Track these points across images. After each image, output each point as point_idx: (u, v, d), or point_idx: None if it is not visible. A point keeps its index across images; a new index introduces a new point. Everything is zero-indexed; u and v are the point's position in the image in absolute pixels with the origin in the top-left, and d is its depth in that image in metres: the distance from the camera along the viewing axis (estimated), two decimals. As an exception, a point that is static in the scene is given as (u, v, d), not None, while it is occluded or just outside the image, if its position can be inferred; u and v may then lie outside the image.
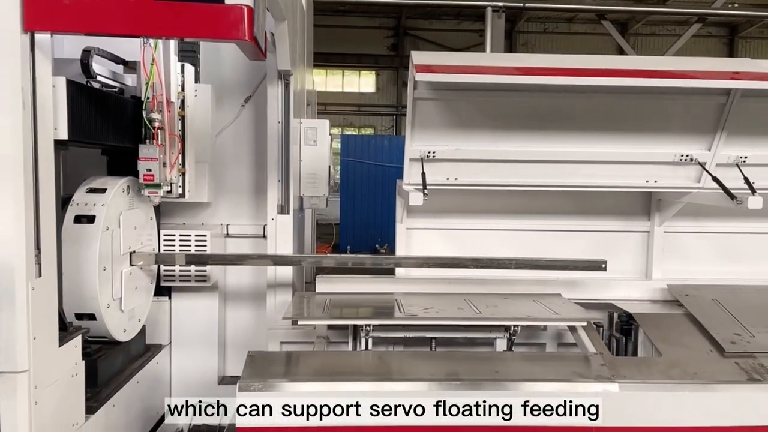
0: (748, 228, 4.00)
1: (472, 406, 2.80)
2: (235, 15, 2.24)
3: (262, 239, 4.13)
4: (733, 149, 3.52)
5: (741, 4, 20.62)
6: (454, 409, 2.80)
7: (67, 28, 2.33)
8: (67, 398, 2.62)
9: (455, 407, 2.80)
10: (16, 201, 2.22)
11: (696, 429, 2.92)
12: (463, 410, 2.80)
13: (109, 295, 3.06)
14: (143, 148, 3.18)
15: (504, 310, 3.52)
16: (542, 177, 3.65)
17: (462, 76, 3.05)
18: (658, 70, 3.12)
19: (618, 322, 3.81)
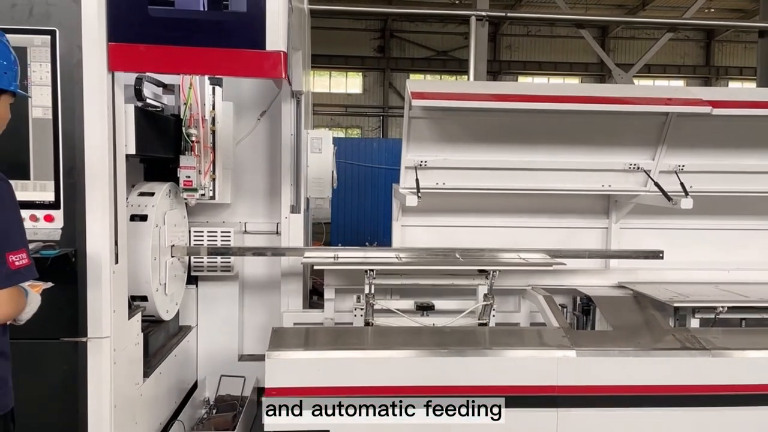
0: (688, 224, 4.73)
1: (456, 369, 3.47)
2: (274, 59, 2.87)
3: (276, 235, 4.76)
4: (673, 159, 4.25)
5: (716, 9, 21.60)
6: (442, 372, 3.47)
7: (142, 69, 2.96)
8: (133, 362, 3.25)
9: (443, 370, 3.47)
10: (102, 203, 2.84)
11: (639, 387, 3.58)
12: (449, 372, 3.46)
13: (157, 281, 3.69)
14: (183, 159, 3.81)
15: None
16: (517, 182, 4.34)
17: (449, 102, 3.74)
18: (608, 97, 3.83)
19: (580, 303, 4.52)
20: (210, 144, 4.04)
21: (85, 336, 2.85)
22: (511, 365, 3.49)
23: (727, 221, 4.81)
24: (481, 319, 4.14)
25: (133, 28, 2.82)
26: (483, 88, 4.45)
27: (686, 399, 3.54)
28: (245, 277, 4.84)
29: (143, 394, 3.41)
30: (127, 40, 2.83)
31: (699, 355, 3.55)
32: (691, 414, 3.53)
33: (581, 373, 3.51)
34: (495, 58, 24.36)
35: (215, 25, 2.86)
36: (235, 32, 2.85)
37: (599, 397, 3.52)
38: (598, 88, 7.01)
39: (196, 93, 3.82)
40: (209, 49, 2.85)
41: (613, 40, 24.82)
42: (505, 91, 3.93)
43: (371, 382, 3.42)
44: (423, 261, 4.29)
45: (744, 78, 24.89)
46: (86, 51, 2.77)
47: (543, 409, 3.49)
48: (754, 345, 3.66)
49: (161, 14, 2.84)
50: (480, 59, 11.82)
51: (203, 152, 3.93)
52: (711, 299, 4.14)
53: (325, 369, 3.41)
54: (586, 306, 4.45)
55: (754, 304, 4.13)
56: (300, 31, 4.14)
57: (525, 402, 3.48)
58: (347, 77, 25.07)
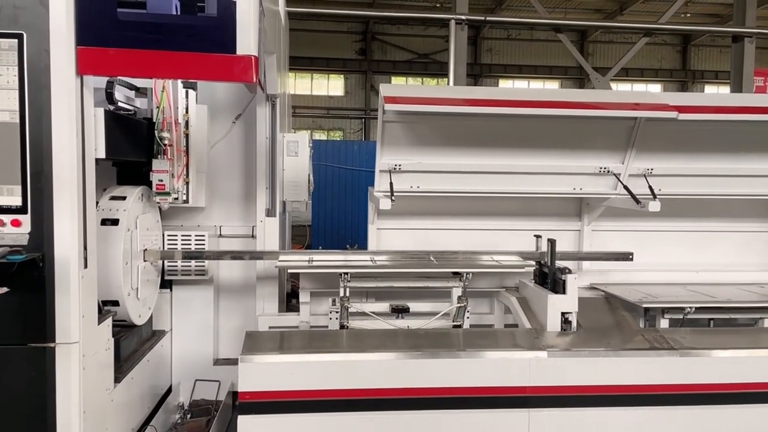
0: (657, 227, 4.82)
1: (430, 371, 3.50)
2: (245, 63, 2.88)
3: (251, 239, 4.76)
4: (642, 163, 4.34)
5: (692, 14, 21.98)
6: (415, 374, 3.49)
7: (111, 73, 2.95)
8: (103, 367, 3.22)
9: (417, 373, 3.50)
10: (71, 207, 2.82)
11: (609, 387, 3.64)
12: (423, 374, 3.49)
13: (129, 286, 3.67)
14: (156, 162, 3.80)
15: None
16: (489, 185, 4.39)
17: (421, 106, 3.78)
18: (577, 102, 3.90)
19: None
20: (183, 147, 4.03)
21: (54, 341, 2.83)
22: (483, 367, 3.53)
23: (695, 223, 4.92)
24: (455, 321, 4.18)
25: (102, 31, 2.81)
26: (455, 92, 4.51)
27: (655, 398, 3.61)
28: (220, 281, 4.83)
29: (114, 399, 3.39)
30: (96, 44, 2.82)
31: (667, 355, 3.62)
32: (659, 413, 3.61)
33: (552, 374, 3.57)
34: (476, 61, 24.56)
35: (185, 29, 2.86)
36: (206, 36, 2.86)
37: (570, 397, 3.58)
38: (569, 93, 7.15)
39: (169, 96, 3.81)
40: (179, 53, 2.85)
41: (591, 44, 25.16)
42: (477, 96, 3.98)
43: (345, 385, 3.45)
44: (397, 264, 4.32)
45: (719, 82, 25.37)
46: (54, 55, 2.76)
47: (515, 410, 3.53)
48: (720, 345, 3.75)
49: (130, 18, 2.83)
50: (459, 62, 11.93)
51: (176, 156, 3.92)
52: (679, 300, 4.22)
53: (299, 372, 3.43)
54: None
55: (721, 305, 4.23)
56: (274, 35, 4.15)
57: (497, 403, 3.52)
58: (329, 79, 25.07)
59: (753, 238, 5.08)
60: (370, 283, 4.24)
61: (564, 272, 3.83)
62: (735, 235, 5.03)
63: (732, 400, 3.63)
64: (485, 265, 4.33)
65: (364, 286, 4.28)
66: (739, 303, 4.29)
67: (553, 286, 3.94)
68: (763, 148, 4.48)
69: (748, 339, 3.92)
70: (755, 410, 3.64)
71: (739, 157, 4.49)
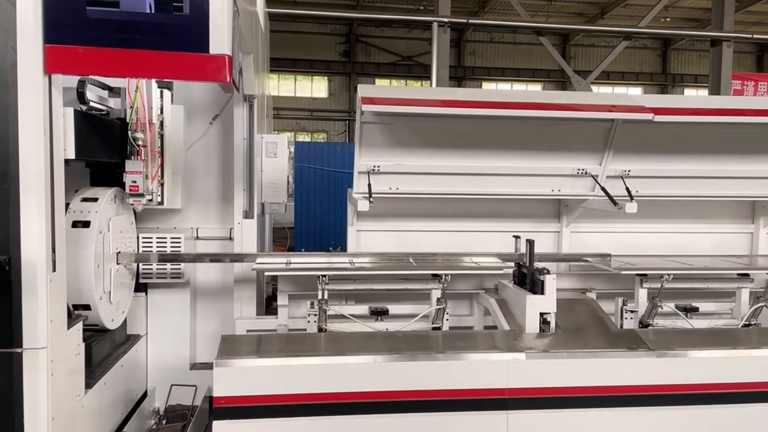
0: (635, 228, 4.86)
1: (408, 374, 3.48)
2: (218, 62, 2.83)
3: (229, 241, 4.70)
4: (619, 164, 4.36)
5: (672, 19, 22.28)
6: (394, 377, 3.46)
7: (80, 72, 2.88)
8: (73, 373, 3.15)
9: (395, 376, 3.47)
10: (38, 209, 2.75)
11: (586, 388, 3.65)
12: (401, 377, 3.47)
13: (101, 289, 3.59)
14: (129, 163, 3.73)
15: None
16: (468, 187, 4.38)
17: (398, 107, 3.75)
18: (554, 104, 3.90)
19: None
20: (158, 148, 3.96)
21: (20, 347, 2.75)
22: (462, 369, 3.52)
23: (673, 224, 4.96)
24: (434, 323, 4.15)
25: (71, 29, 2.75)
26: (433, 93, 4.49)
27: (632, 399, 3.63)
28: (197, 284, 4.76)
29: (85, 405, 3.31)
30: (65, 42, 2.75)
31: (644, 356, 3.64)
32: (637, 414, 3.62)
33: (531, 376, 3.57)
34: (459, 63, 24.67)
35: (157, 27, 2.80)
36: (178, 35, 2.80)
37: (548, 399, 3.58)
38: (546, 94, 7.20)
39: (143, 96, 3.75)
40: (150, 51, 2.79)
41: (573, 48, 25.40)
42: (455, 97, 3.96)
43: (322, 389, 3.41)
44: (376, 266, 4.29)
45: (699, 85, 25.75)
46: (21, 53, 2.68)
47: (493, 412, 3.53)
48: (697, 345, 3.77)
49: (100, 16, 2.77)
50: (442, 65, 11.95)
51: (150, 156, 3.85)
52: (657, 267, 4.27)
53: (276, 376, 3.38)
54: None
55: (699, 272, 4.29)
56: (251, 35, 4.10)
57: (476, 405, 3.51)
58: (312, 81, 25.01)
59: (730, 240, 5.13)
60: (349, 285, 4.21)
61: (542, 273, 3.83)
62: (712, 237, 5.07)
63: (709, 400, 3.66)
64: (464, 266, 4.32)
65: (343, 289, 4.25)
66: (717, 270, 4.37)
67: (531, 286, 3.93)
68: (738, 150, 4.53)
69: (724, 339, 3.95)
70: (731, 410, 3.68)
71: (715, 159, 4.53)
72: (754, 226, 5.12)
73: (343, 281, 4.16)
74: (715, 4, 13.21)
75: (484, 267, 4.28)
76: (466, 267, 4.32)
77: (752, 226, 5.12)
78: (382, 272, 4.20)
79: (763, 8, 20.80)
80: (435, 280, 4.16)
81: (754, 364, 3.69)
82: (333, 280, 4.02)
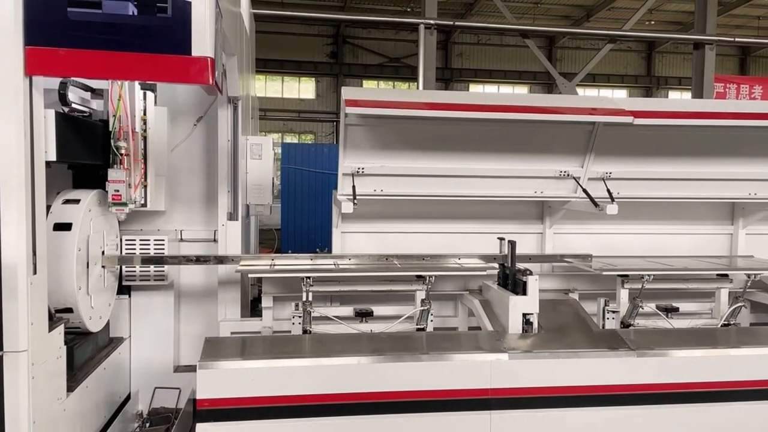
0: (616, 229, 4.92)
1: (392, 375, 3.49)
2: (201, 64, 2.83)
3: (213, 243, 4.68)
4: (600, 166, 4.41)
5: (656, 22, 22.53)
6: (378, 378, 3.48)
7: (61, 74, 2.86)
8: (54, 376, 3.12)
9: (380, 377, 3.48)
10: (19, 211, 2.73)
11: (568, 388, 3.69)
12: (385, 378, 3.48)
13: (83, 292, 3.57)
14: (112, 172, 3.70)
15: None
16: (453, 189, 4.41)
17: (382, 110, 3.77)
18: (536, 106, 3.95)
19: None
20: (141, 156, 3.94)
21: (1, 350, 2.73)
22: (445, 370, 3.54)
23: (653, 226, 5.02)
24: (418, 324, 4.18)
25: (52, 31, 2.73)
26: (417, 96, 4.50)
27: (614, 398, 3.67)
28: (181, 286, 4.74)
29: (67, 409, 3.29)
30: (46, 44, 2.73)
31: (624, 355, 3.68)
32: (618, 413, 3.66)
33: (513, 376, 3.60)
34: (446, 65, 24.76)
35: (139, 29, 2.80)
36: (160, 37, 2.80)
37: (531, 399, 3.61)
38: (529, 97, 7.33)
39: (126, 105, 3.72)
40: (133, 53, 2.79)
41: (559, 50, 25.59)
42: (439, 100, 3.99)
43: (306, 390, 3.42)
44: (360, 267, 4.30)
45: (683, 88, 26.05)
46: (1, 55, 2.66)
47: (477, 412, 3.55)
48: (677, 345, 3.82)
49: (82, 17, 2.76)
50: (429, 67, 11.99)
51: (133, 165, 3.82)
52: (638, 268, 4.34)
53: (259, 378, 3.38)
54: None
55: (678, 273, 4.38)
56: (235, 36, 4.10)
57: (459, 405, 3.53)
58: (300, 82, 24.96)
59: (710, 240, 5.21)
60: (334, 287, 4.22)
61: (525, 274, 3.86)
62: (692, 237, 5.15)
63: (688, 399, 3.71)
64: (448, 268, 4.34)
65: (327, 290, 4.26)
66: (696, 271, 4.44)
67: (514, 287, 3.97)
68: (718, 152, 4.60)
69: (704, 339, 4.01)
70: (711, 409, 3.73)
71: (695, 161, 4.60)
72: (733, 228, 5.20)
73: (327, 283, 4.17)
74: (698, 7, 13.39)
75: (468, 268, 4.31)
76: (451, 268, 4.35)
77: (731, 228, 5.21)
78: (366, 274, 4.22)
79: (746, 12, 21.15)
80: (419, 281, 4.18)
81: (734, 364, 3.75)
82: (318, 281, 4.03)
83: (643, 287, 4.21)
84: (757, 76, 25.22)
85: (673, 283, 4.47)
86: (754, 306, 4.84)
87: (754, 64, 26.76)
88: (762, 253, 5.08)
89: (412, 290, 4.23)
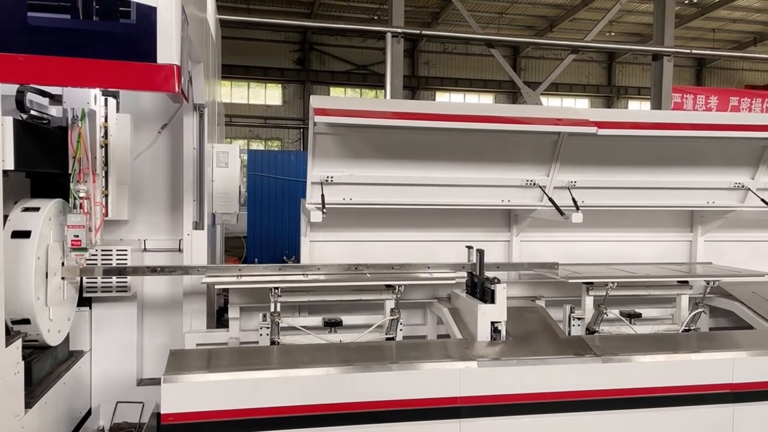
0: (582, 237, 5.01)
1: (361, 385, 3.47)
2: (166, 72, 2.78)
3: (178, 253, 4.59)
4: (566, 175, 4.49)
5: (617, 33, 23.15)
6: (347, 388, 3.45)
7: (21, 81, 2.77)
8: (12, 392, 3.01)
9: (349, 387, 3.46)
10: (-27, 223, 2.64)
11: (536, 394, 3.72)
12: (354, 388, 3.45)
13: (42, 303, 3.45)
14: (71, 217, 3.60)
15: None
16: (421, 197, 4.42)
17: (351, 119, 3.77)
18: (502, 117, 4.01)
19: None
20: (102, 158, 3.84)
21: (-47, 367, 2.62)
22: (415, 378, 3.54)
23: (617, 233, 5.13)
24: (388, 333, 4.17)
25: (12, 37, 2.65)
26: (386, 105, 4.53)
27: (581, 404, 3.72)
28: (145, 297, 4.63)
29: (25, 426, 3.16)
30: (5, 50, 2.65)
31: (590, 362, 3.74)
32: (585, 418, 3.72)
33: (482, 384, 3.62)
34: (413, 73, 24.92)
35: (103, 36, 2.73)
36: (124, 44, 2.74)
37: (500, 406, 3.64)
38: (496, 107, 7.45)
39: (86, 145, 3.60)
40: (96, 60, 2.72)
41: (524, 60, 26.05)
42: (407, 109, 4.01)
43: (274, 402, 3.37)
44: (330, 277, 4.27)
45: (642, 97, 26.80)
46: (-44, 59, 2.57)
47: (447, 421, 3.56)
48: (640, 350, 3.90)
49: (43, 23, 2.68)
50: (396, 75, 12.04)
51: (93, 209, 3.71)
52: (603, 275, 4.43)
53: (226, 391, 3.32)
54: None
55: (641, 280, 4.50)
56: (201, 43, 4.04)
57: (429, 414, 3.53)
58: (266, 89, 24.76)
59: (671, 248, 5.35)
60: (303, 297, 4.18)
61: (493, 282, 3.89)
62: (654, 245, 5.28)
63: (652, 403, 3.79)
64: (418, 277, 4.35)
65: (296, 301, 4.22)
66: (658, 278, 4.57)
67: (482, 295, 4.00)
68: (677, 161, 4.73)
69: (666, 345, 4.10)
70: (674, 413, 3.81)
71: (656, 171, 4.73)
72: (692, 235, 5.35)
73: (296, 293, 4.13)
74: (656, 20, 13.81)
75: (437, 277, 4.32)
76: (420, 277, 4.35)
77: (691, 235, 5.36)
78: (335, 284, 4.19)
79: (702, 24, 21.93)
80: (389, 290, 4.18)
81: (694, 368, 3.85)
82: (286, 292, 3.99)
83: (607, 294, 4.29)
84: (712, 86, 26.12)
85: (636, 289, 4.58)
86: (713, 311, 4.98)
87: (709, 74, 27.72)
88: (720, 260, 5.24)
89: (382, 299, 4.22)
